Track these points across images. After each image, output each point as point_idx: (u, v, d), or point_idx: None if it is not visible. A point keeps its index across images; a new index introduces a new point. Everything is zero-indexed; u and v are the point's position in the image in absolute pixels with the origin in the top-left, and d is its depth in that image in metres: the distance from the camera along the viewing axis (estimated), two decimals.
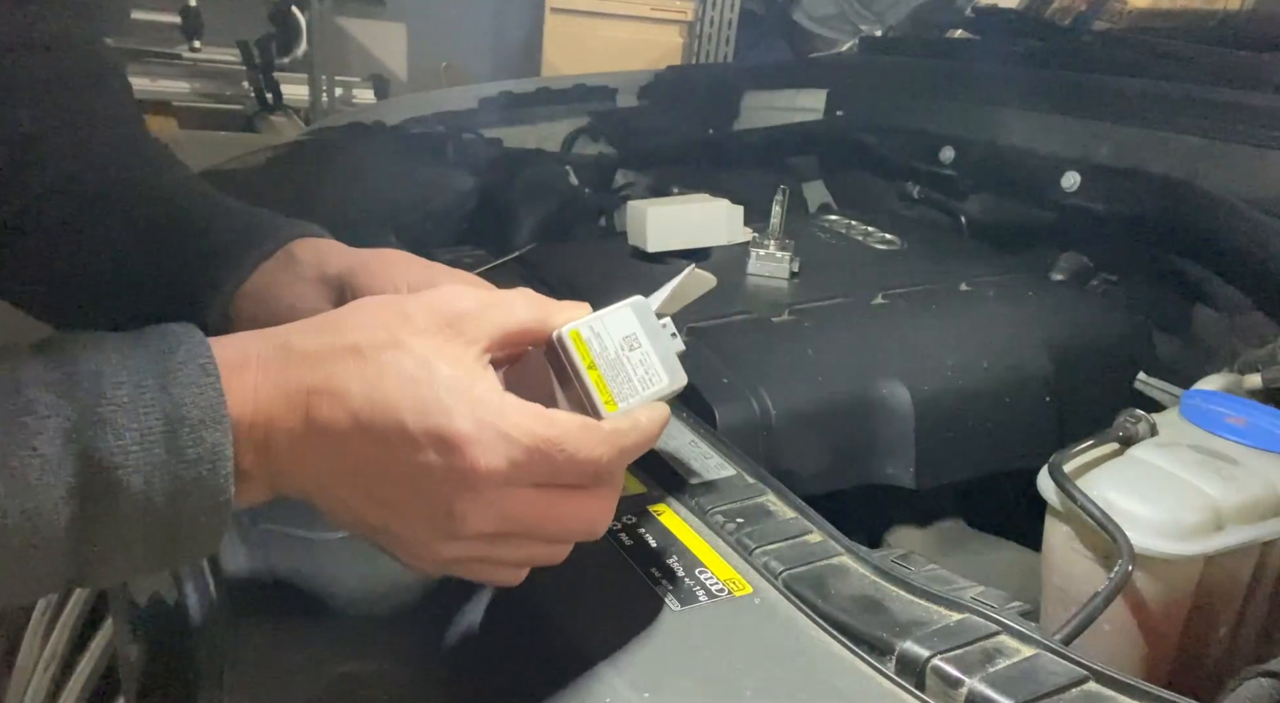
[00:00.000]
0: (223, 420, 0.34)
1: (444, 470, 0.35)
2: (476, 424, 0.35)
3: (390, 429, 0.36)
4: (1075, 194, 0.87)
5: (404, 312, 0.38)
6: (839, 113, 1.22)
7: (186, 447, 0.33)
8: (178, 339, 0.35)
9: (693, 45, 3.23)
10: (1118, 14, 1.35)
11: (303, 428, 0.36)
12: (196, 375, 0.34)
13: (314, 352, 0.37)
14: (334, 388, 0.36)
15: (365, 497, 0.37)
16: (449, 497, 0.36)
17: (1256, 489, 0.52)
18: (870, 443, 0.65)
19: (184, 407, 0.34)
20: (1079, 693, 0.37)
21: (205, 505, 0.34)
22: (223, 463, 0.34)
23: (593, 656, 0.39)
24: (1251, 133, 0.77)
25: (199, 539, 0.35)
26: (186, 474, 0.34)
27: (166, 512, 0.34)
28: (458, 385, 0.36)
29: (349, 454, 0.36)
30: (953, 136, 1.01)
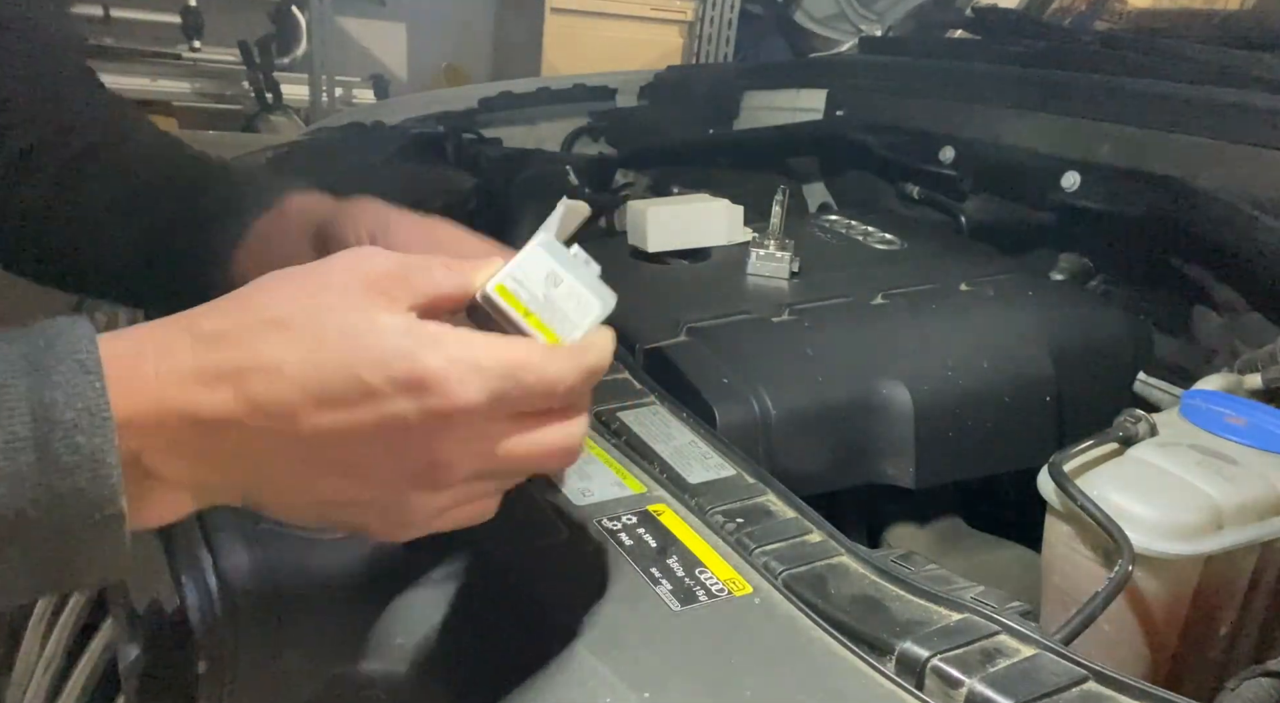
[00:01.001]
0: (104, 423, 0.30)
1: (420, 416, 0.33)
2: (446, 359, 0.33)
3: (348, 389, 0.33)
4: (1075, 194, 0.87)
5: (321, 279, 0.35)
6: (839, 113, 1.22)
7: (60, 453, 0.29)
8: (57, 332, 0.31)
9: (693, 45, 3.24)
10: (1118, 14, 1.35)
11: (236, 413, 0.32)
12: (73, 372, 0.30)
13: (229, 330, 0.33)
14: (266, 362, 0.32)
15: (327, 472, 0.34)
16: (429, 444, 0.34)
17: (1256, 489, 0.52)
18: (870, 443, 0.65)
19: (55, 408, 0.30)
20: (1079, 693, 0.37)
21: (91, 520, 0.30)
22: (105, 470, 0.30)
23: (592, 655, 0.39)
24: (1251, 133, 0.77)
25: (94, 559, 0.31)
26: (61, 485, 0.29)
27: (44, 528, 0.30)
28: (410, 328, 0.34)
29: (302, 431, 0.33)
30: (953, 137, 1.01)
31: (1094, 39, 1.06)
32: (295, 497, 0.35)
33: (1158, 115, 0.84)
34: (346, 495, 0.35)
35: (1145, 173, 0.82)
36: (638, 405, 0.57)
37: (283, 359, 0.33)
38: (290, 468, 0.34)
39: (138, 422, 0.31)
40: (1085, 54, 1.00)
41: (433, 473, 0.35)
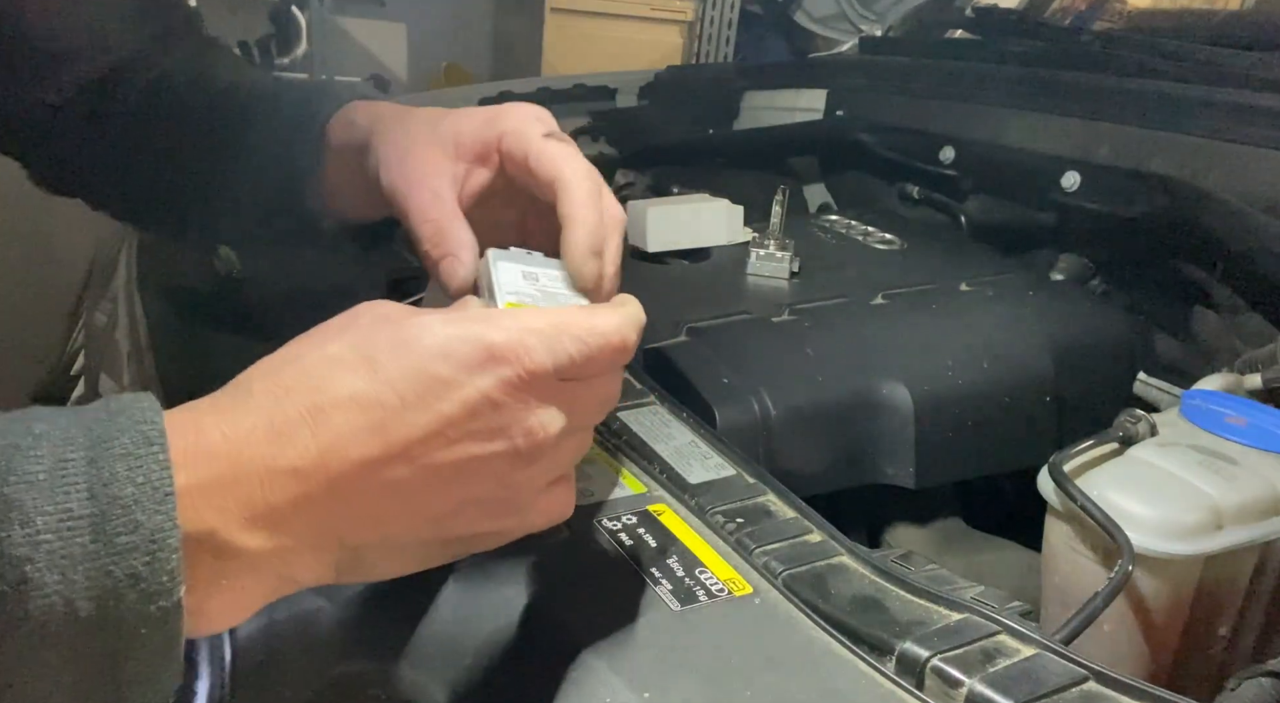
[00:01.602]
0: (166, 498, 0.27)
1: (502, 389, 0.33)
2: (505, 332, 0.34)
3: (425, 390, 0.32)
4: (1075, 194, 0.87)
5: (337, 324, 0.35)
6: (839, 113, 1.22)
7: (118, 533, 0.26)
8: (121, 405, 0.29)
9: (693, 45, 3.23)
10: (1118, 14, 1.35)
11: (320, 456, 0.31)
12: (135, 443, 0.28)
13: (284, 384, 0.32)
14: (336, 397, 0.31)
15: (432, 485, 0.33)
16: (519, 413, 0.34)
17: (1256, 489, 0.52)
18: (870, 443, 0.65)
19: (115, 482, 0.27)
20: (1079, 693, 0.37)
21: (144, 613, 0.27)
22: (166, 553, 0.27)
23: (592, 655, 0.39)
24: (1251, 133, 0.77)
25: (146, 662, 0.28)
26: (118, 569, 0.26)
27: (94, 621, 0.26)
28: (451, 318, 0.34)
29: (393, 449, 0.32)
30: (953, 136, 1.01)
31: (1094, 39, 1.06)
32: (400, 527, 0.34)
33: (1158, 115, 0.84)
34: (454, 499, 0.34)
35: (1145, 173, 0.82)
36: (638, 405, 0.57)
37: (351, 388, 0.32)
38: (391, 494, 0.33)
39: (212, 491, 0.29)
40: (1085, 54, 1.00)
41: (529, 441, 0.34)
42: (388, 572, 0.36)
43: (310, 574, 0.33)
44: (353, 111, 0.54)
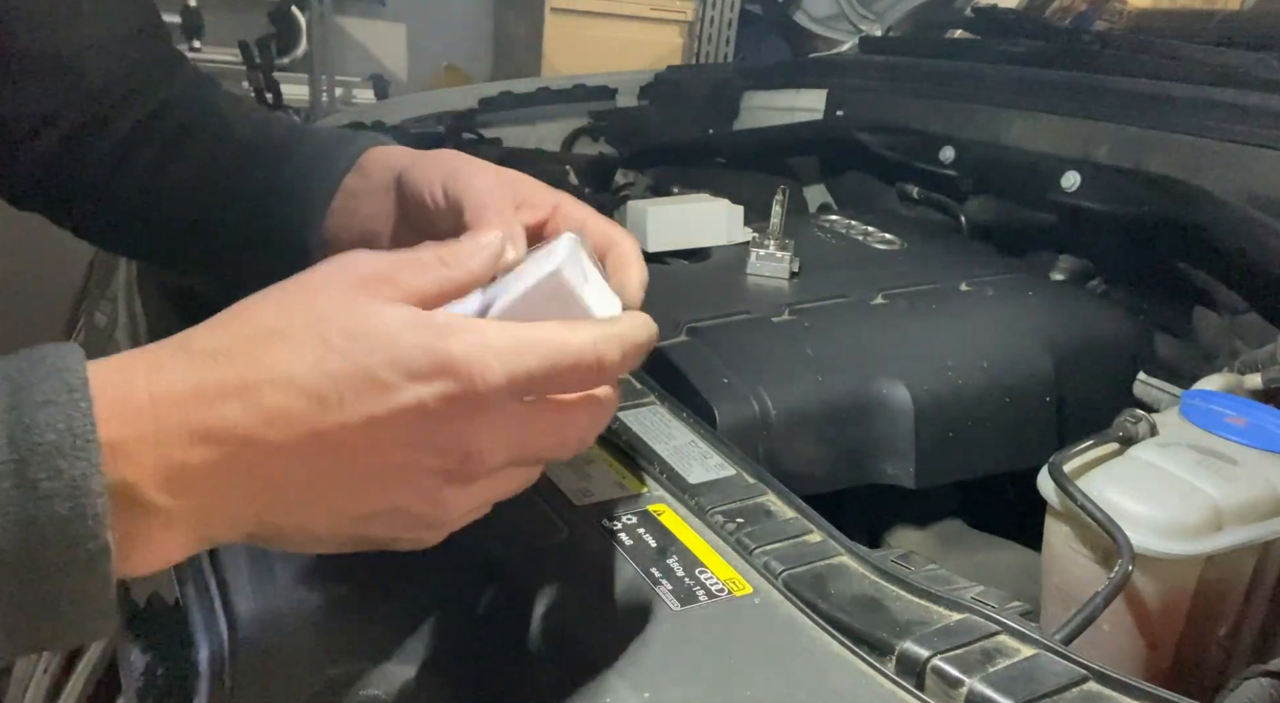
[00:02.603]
0: (88, 445, 0.27)
1: (445, 404, 0.32)
2: (462, 345, 0.32)
3: (366, 388, 0.31)
4: (1075, 194, 0.87)
5: (311, 285, 0.34)
6: (839, 113, 1.22)
7: (40, 479, 0.27)
8: (43, 353, 0.29)
9: (693, 45, 3.23)
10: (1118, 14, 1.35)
11: (248, 427, 0.30)
12: (56, 391, 0.28)
13: (228, 346, 0.31)
14: (274, 374, 0.31)
15: (354, 482, 0.32)
16: (459, 434, 0.32)
17: (1256, 489, 0.52)
18: (870, 443, 0.65)
19: (36, 429, 0.27)
20: (1079, 693, 0.37)
21: (72, 557, 0.27)
22: (89, 499, 0.27)
23: (592, 655, 0.39)
24: (1251, 133, 0.77)
25: (76, 604, 0.28)
26: (40, 514, 0.27)
27: (22, 565, 0.27)
28: (416, 319, 0.32)
29: (325, 438, 0.31)
30: (953, 137, 1.01)
31: (1094, 39, 1.06)
32: (317, 517, 0.33)
33: (1158, 115, 0.84)
34: (376, 504, 0.33)
35: (1145, 173, 0.82)
36: (638, 405, 0.57)
37: (291, 368, 0.31)
38: (311, 484, 0.32)
39: (132, 447, 0.29)
40: (1085, 54, 1.00)
41: (465, 464, 0.33)
42: (303, 550, 0.36)
43: (227, 537, 0.33)
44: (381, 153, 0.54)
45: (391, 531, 0.35)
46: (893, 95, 1.15)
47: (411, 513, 0.34)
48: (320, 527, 0.34)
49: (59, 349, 0.30)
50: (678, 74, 1.51)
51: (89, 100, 0.58)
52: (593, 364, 0.34)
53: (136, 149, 0.58)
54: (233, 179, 0.57)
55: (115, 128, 0.58)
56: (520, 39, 3.28)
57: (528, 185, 0.50)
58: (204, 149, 0.58)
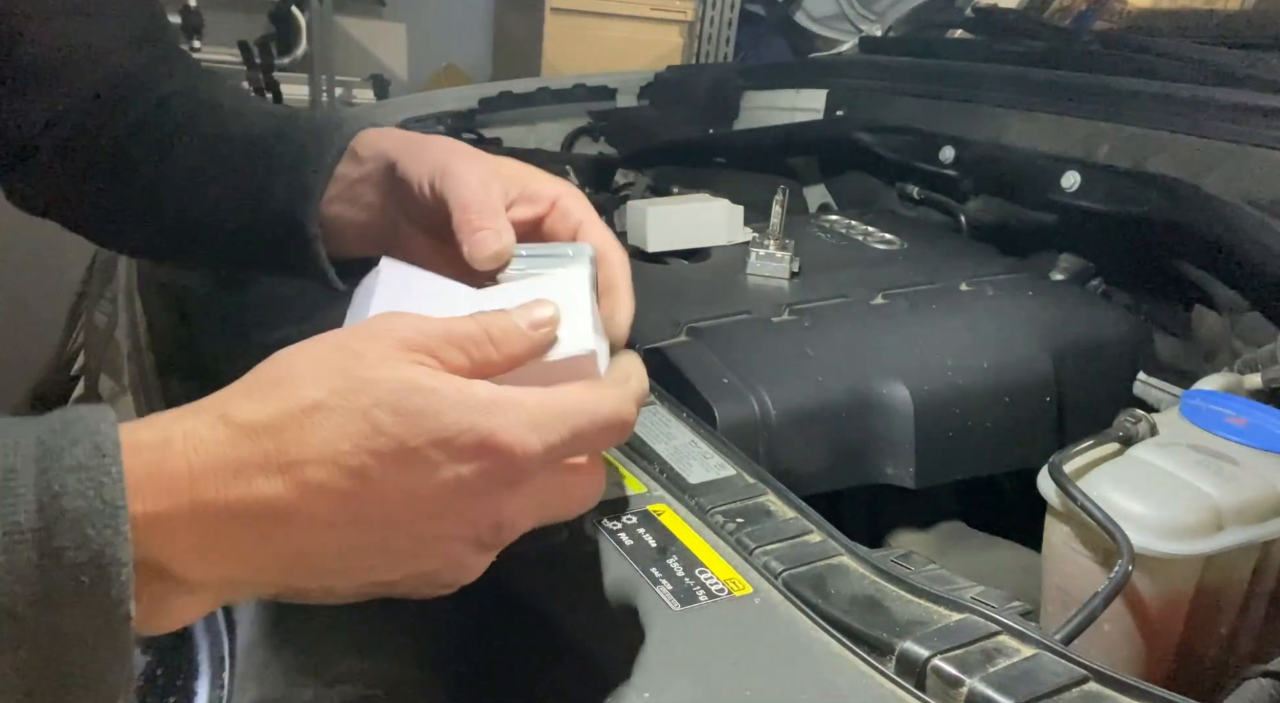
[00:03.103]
0: (116, 513, 0.27)
1: (485, 480, 0.32)
2: (505, 422, 0.32)
3: (407, 468, 0.31)
4: (1075, 194, 0.87)
5: (350, 350, 0.33)
6: (839, 113, 1.22)
7: (65, 548, 0.26)
8: (76, 415, 0.29)
9: (693, 45, 3.23)
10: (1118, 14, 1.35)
11: (290, 506, 0.30)
12: (87, 455, 0.27)
13: (270, 421, 0.31)
14: (319, 453, 0.30)
15: (384, 557, 0.33)
16: (495, 505, 0.33)
17: (1256, 489, 0.52)
18: (870, 443, 0.65)
19: (65, 496, 0.26)
20: (1079, 693, 0.37)
21: (93, 627, 0.27)
22: (114, 569, 0.26)
23: (592, 655, 0.39)
24: (1251, 133, 0.77)
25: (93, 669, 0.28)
26: (64, 584, 0.26)
27: (40, 633, 0.26)
28: (459, 398, 0.32)
29: (362, 518, 0.31)
30: (953, 136, 1.01)
31: (1094, 39, 1.06)
32: (344, 583, 0.34)
33: (1158, 115, 0.84)
34: (406, 571, 0.34)
35: (1145, 173, 0.82)
36: None
37: (335, 447, 0.30)
38: (344, 556, 0.32)
39: (167, 522, 0.28)
40: (1085, 54, 1.00)
41: (497, 533, 0.34)
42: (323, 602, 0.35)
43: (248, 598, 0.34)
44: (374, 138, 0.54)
45: (415, 589, 0.35)
46: (893, 95, 1.15)
47: (438, 577, 0.35)
48: (345, 590, 0.34)
49: (93, 412, 0.29)
50: (678, 74, 1.51)
51: (92, 102, 0.58)
52: (616, 427, 0.36)
53: (137, 145, 0.58)
54: (230, 171, 0.57)
55: (116, 126, 0.58)
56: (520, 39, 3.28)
57: (526, 176, 0.49)
58: (203, 142, 0.58)
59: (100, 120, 0.58)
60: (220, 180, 0.57)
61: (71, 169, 0.58)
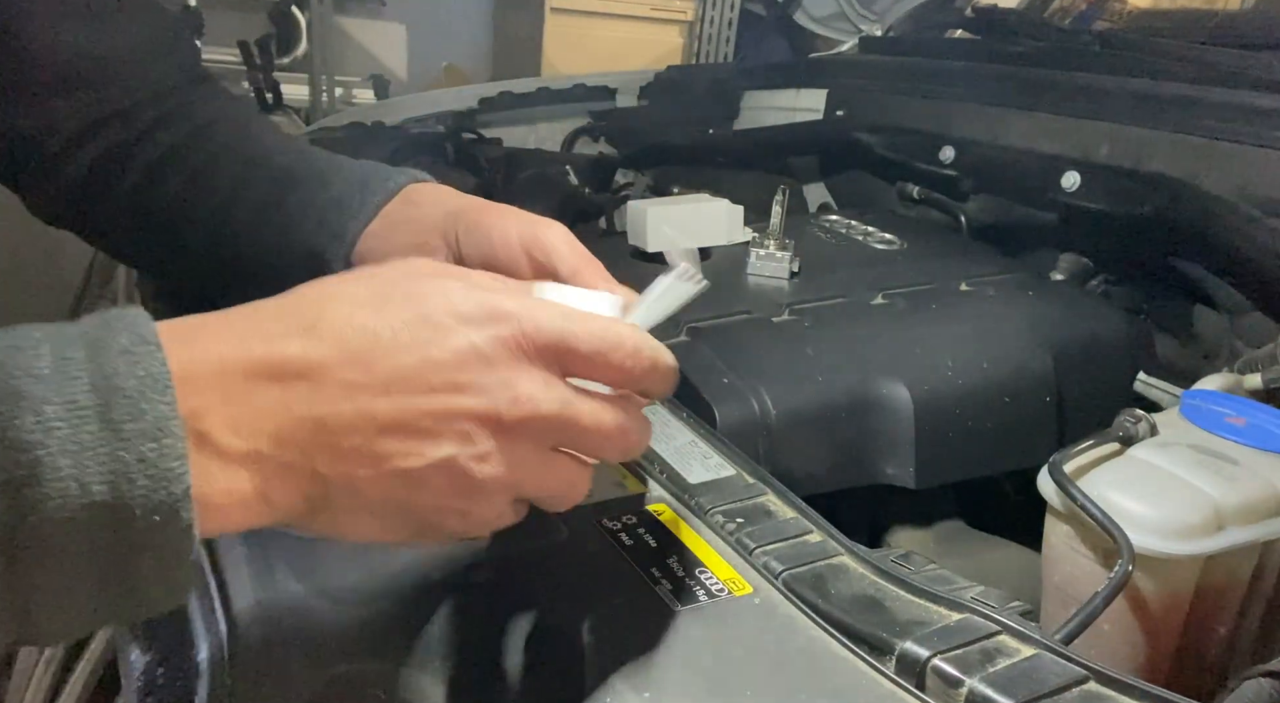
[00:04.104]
0: (166, 389, 0.29)
1: (497, 345, 0.33)
2: (514, 300, 0.34)
3: (420, 331, 0.33)
4: (1075, 194, 0.87)
5: (376, 267, 0.36)
6: (839, 113, 1.22)
7: (124, 421, 0.28)
8: (115, 314, 0.31)
9: (693, 45, 3.23)
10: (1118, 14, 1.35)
11: (304, 367, 0.32)
12: (133, 342, 0.29)
13: (294, 301, 0.33)
14: (335, 318, 0.32)
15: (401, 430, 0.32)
16: (508, 377, 0.33)
17: (1256, 489, 0.52)
18: (870, 443, 0.65)
19: (117, 376, 0.28)
20: (1079, 693, 0.37)
21: (156, 500, 0.28)
22: (170, 439, 0.28)
23: (592, 655, 0.39)
24: (1251, 133, 0.77)
25: (158, 554, 0.29)
26: (127, 453, 0.28)
27: (108, 507, 0.28)
28: (477, 286, 0.35)
29: (377, 377, 0.32)
30: (953, 136, 1.01)
31: (1094, 39, 1.06)
32: (366, 469, 0.33)
33: (1158, 115, 0.84)
34: (427, 460, 0.33)
35: (1145, 173, 0.82)
36: None
37: (353, 316, 0.33)
38: (362, 427, 0.32)
39: (195, 378, 0.30)
40: (1085, 54, 1.00)
41: (511, 408, 0.33)
42: (352, 528, 0.35)
43: (284, 498, 0.32)
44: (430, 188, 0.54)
45: (437, 497, 0.34)
46: (893, 95, 1.15)
47: (456, 469, 0.33)
48: (369, 485, 0.33)
49: (128, 311, 0.31)
50: (678, 74, 1.51)
51: (125, 116, 0.58)
52: (632, 352, 0.36)
53: (169, 171, 0.58)
54: (265, 205, 0.57)
55: (148, 149, 0.58)
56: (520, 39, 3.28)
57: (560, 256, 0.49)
58: (236, 173, 0.58)
59: (135, 140, 0.58)
60: (251, 213, 0.57)
61: (101, 185, 0.58)
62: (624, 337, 0.36)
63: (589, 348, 0.35)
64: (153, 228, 0.59)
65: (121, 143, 0.58)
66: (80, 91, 0.57)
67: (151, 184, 0.58)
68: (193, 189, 0.58)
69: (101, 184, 0.58)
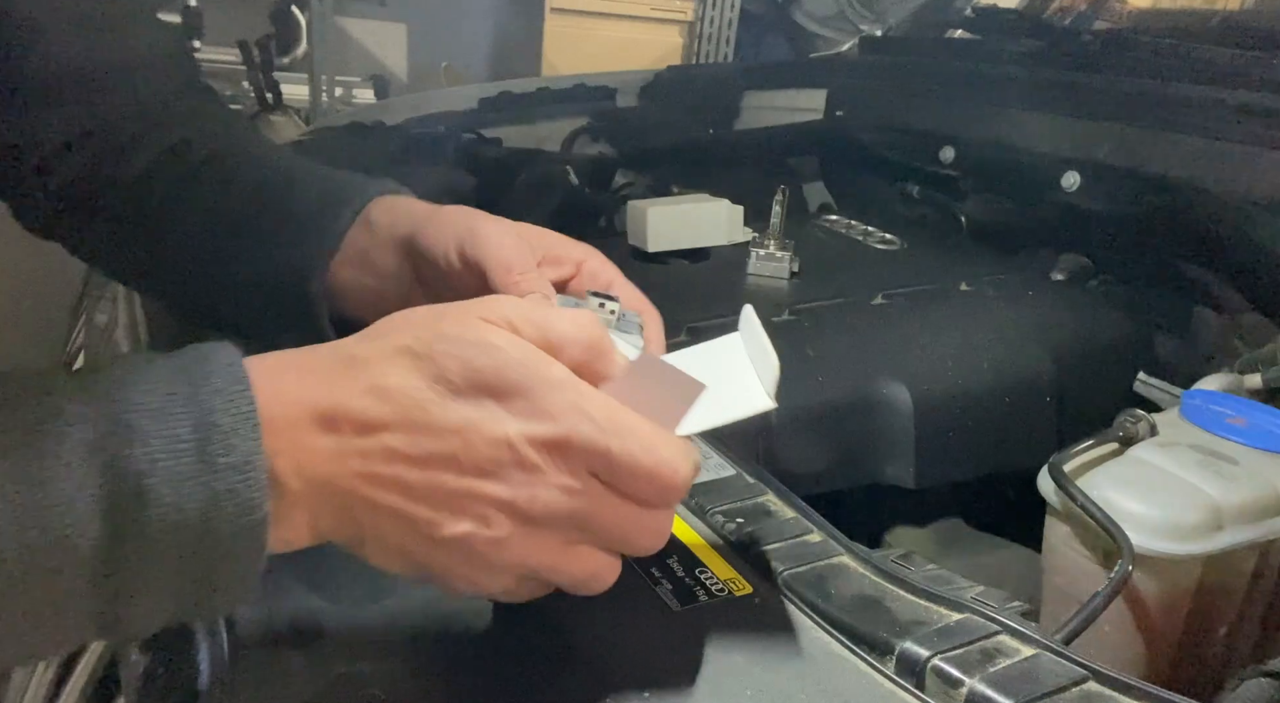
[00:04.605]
0: (254, 429, 0.32)
1: (529, 444, 0.34)
2: (564, 401, 0.34)
3: (465, 408, 0.34)
4: (1075, 194, 0.87)
5: (441, 311, 0.37)
6: (839, 113, 1.22)
7: (218, 454, 0.31)
8: (211, 350, 0.34)
9: (693, 45, 3.23)
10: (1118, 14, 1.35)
11: (363, 418, 0.34)
12: (227, 381, 0.32)
13: (365, 356, 0.35)
14: (398, 383, 0.34)
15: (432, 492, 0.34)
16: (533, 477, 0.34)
17: (1256, 489, 0.52)
18: (870, 443, 0.65)
19: (214, 413, 0.32)
20: (1079, 693, 0.37)
21: (240, 525, 0.32)
22: (256, 474, 0.32)
23: (592, 655, 0.39)
24: (1251, 133, 0.77)
25: (234, 569, 0.33)
26: (219, 485, 0.31)
27: (199, 530, 0.31)
28: (529, 359, 0.35)
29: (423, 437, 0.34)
30: (953, 136, 1.01)
31: (1094, 39, 1.06)
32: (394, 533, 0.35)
33: (1158, 115, 0.84)
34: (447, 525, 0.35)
35: (1145, 173, 0.82)
36: None
37: (410, 381, 0.34)
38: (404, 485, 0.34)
39: (274, 420, 0.33)
40: (1085, 54, 1.00)
41: (532, 505, 0.34)
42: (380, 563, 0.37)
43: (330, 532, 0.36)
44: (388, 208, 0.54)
45: (450, 563, 0.36)
46: (893, 95, 1.15)
47: (469, 547, 0.35)
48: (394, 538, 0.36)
49: (220, 348, 0.34)
50: (678, 74, 1.51)
51: (111, 129, 0.58)
52: (663, 486, 0.36)
53: (156, 182, 0.58)
54: (242, 221, 0.57)
55: (136, 159, 0.58)
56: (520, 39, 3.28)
57: (551, 239, 0.51)
58: (218, 188, 0.58)
59: (120, 152, 0.58)
60: (231, 228, 0.57)
61: (85, 197, 0.58)
62: (661, 467, 0.35)
63: (627, 469, 0.35)
64: (137, 242, 0.59)
65: (106, 157, 0.58)
66: (67, 104, 0.57)
67: (135, 198, 0.58)
68: (175, 204, 0.58)
69: (85, 197, 0.58)
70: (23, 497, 0.29)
